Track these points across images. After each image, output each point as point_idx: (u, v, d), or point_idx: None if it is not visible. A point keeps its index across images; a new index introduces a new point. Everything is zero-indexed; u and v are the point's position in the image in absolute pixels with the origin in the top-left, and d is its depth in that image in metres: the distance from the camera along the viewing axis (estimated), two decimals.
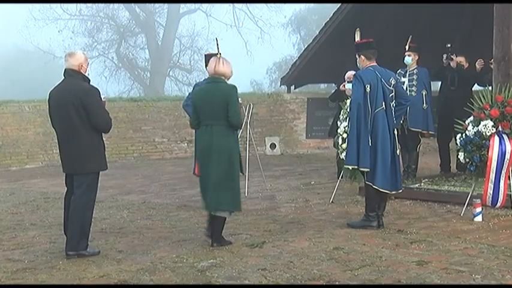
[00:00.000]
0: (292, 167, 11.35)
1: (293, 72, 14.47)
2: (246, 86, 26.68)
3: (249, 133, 8.90)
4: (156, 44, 31.65)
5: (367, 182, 6.07)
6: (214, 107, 5.35)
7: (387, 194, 6.16)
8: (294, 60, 15.55)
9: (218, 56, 5.50)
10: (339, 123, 7.60)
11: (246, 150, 8.94)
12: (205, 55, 7.70)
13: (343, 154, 6.87)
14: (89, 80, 5.50)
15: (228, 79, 5.53)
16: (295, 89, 15.15)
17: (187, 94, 8.90)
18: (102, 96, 5.42)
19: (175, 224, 6.72)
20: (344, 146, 6.97)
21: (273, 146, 14.31)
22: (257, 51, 30.30)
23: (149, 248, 5.60)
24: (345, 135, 7.01)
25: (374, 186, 5.99)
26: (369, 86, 5.91)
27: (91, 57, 28.43)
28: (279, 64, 31.41)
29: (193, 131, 7.45)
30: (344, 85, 8.98)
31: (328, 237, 5.72)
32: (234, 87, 5.51)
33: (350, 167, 6.11)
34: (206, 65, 7.48)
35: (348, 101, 6.79)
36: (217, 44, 7.26)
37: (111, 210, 7.63)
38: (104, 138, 5.51)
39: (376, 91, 5.93)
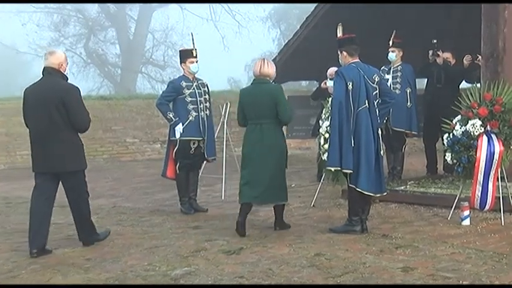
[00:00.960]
0: None
1: None
2: (223, 84, 26.53)
3: (226, 133, 8.82)
4: (127, 38, 31.47)
5: (350, 185, 6.06)
6: (262, 107, 5.99)
7: (371, 197, 6.17)
8: (274, 57, 15.54)
9: (261, 58, 6.27)
10: (321, 122, 7.60)
11: (222, 151, 8.87)
12: (180, 51, 7.73)
13: (325, 155, 6.85)
14: (67, 79, 5.70)
15: (271, 80, 6.18)
16: None
17: (160, 92, 8.85)
18: None
19: (147, 229, 6.67)
20: (326, 146, 6.94)
21: None
22: (235, 47, 30.28)
23: (119, 255, 5.54)
24: (327, 135, 7.02)
25: (357, 189, 5.99)
26: (351, 84, 5.90)
27: None
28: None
29: (167, 130, 7.61)
30: (326, 82, 8.94)
31: (309, 243, 5.71)
32: (280, 87, 6.18)
33: (332, 169, 6.13)
34: (181, 62, 7.52)
35: (330, 99, 6.79)
36: (193, 39, 7.30)
37: None
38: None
39: (359, 88, 5.93)
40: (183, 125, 7.30)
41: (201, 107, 7.28)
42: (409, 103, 8.78)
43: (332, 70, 8.41)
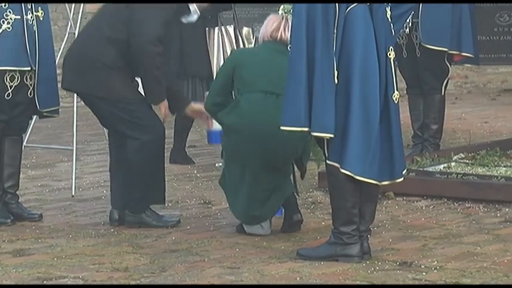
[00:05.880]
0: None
1: None
2: None
3: (64, 40, 6.24)
4: None
5: (329, 162, 4.63)
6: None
7: (375, 186, 4.66)
8: None
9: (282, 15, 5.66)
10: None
11: (73, 97, 6.71)
12: None
13: None
14: None
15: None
16: None
17: None
18: None
19: None
20: None
21: None
22: None
23: None
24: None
25: (343, 171, 4.58)
26: None
27: None
28: None
29: None
30: None
31: (252, 281, 4.37)
32: None
33: (292, 130, 4.73)
34: None
35: None
36: None
37: None
38: None
39: None
40: None
41: (26, 5, 5.72)
42: None
43: None
